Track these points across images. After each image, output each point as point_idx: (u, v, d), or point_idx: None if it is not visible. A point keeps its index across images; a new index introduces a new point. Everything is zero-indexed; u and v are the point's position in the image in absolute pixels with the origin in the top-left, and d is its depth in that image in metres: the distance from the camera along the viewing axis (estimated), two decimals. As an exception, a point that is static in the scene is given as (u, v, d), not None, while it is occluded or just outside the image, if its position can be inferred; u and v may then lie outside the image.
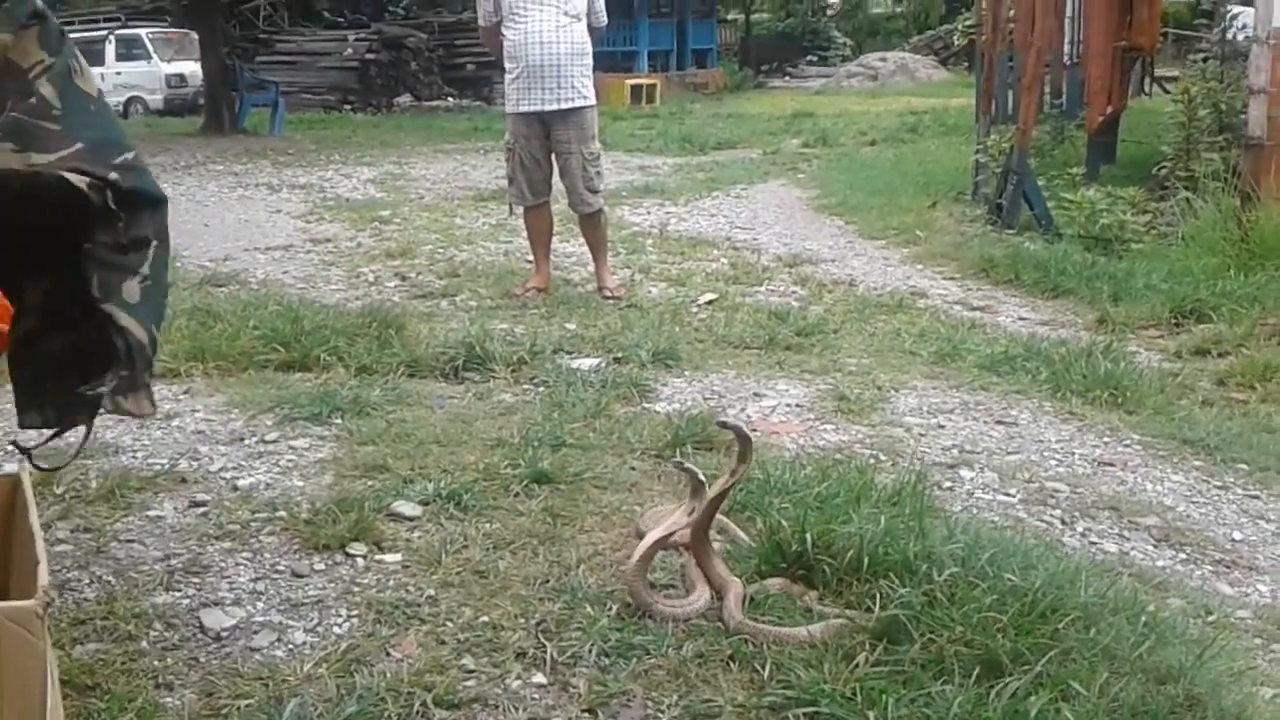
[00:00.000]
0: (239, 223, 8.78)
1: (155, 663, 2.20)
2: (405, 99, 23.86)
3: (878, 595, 2.34)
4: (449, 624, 2.36)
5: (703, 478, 2.51)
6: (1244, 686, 2.26)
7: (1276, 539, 3.18)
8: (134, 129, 19.33)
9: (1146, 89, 15.10)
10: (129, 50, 23.84)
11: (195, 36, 20.50)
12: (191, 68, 22.05)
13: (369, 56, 23.53)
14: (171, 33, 24.44)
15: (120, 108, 23.45)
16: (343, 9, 27.86)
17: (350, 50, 23.72)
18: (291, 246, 7.64)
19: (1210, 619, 2.62)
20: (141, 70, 23.73)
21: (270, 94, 18.48)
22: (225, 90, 18.00)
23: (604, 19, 5.95)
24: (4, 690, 1.55)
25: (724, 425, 2.69)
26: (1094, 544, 3.01)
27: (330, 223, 8.73)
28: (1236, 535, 3.18)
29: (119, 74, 23.68)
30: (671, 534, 2.52)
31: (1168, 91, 11.45)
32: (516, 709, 2.08)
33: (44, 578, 1.62)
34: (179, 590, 2.50)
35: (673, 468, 2.59)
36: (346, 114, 21.58)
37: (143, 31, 24.36)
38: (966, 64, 24.80)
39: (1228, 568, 2.98)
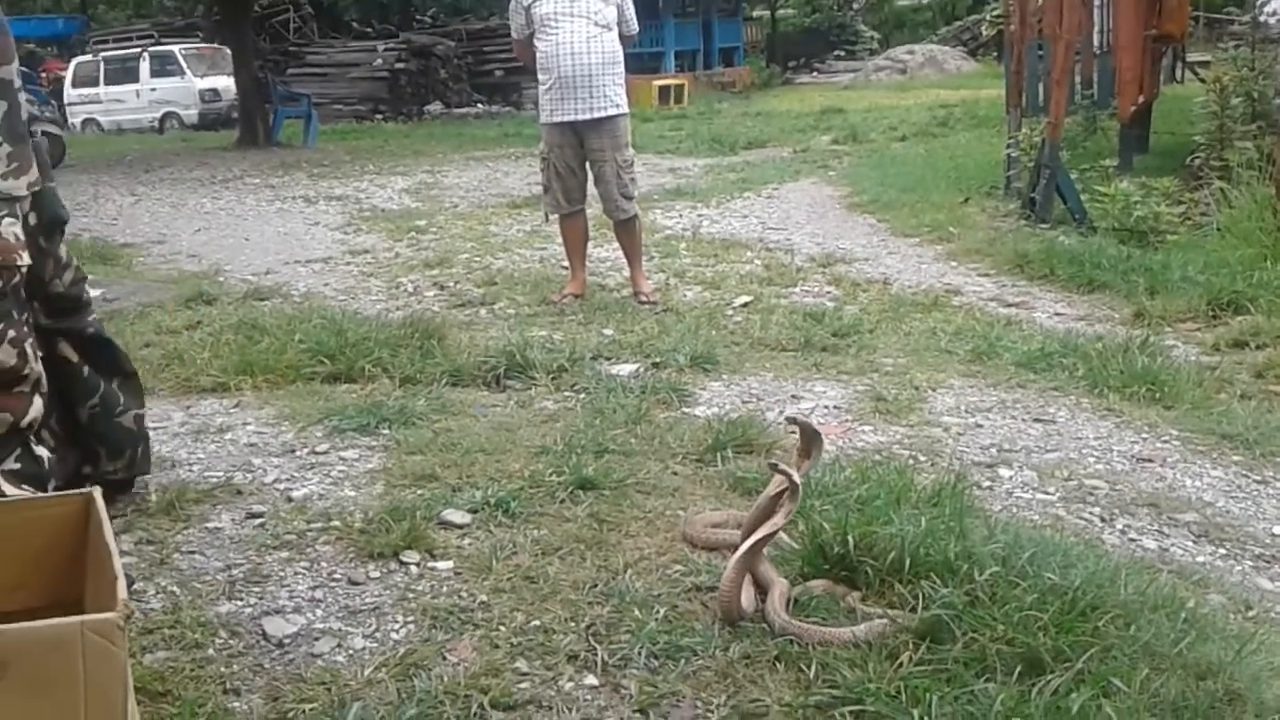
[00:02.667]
0: (278, 235, 8.93)
1: (222, 669, 2.29)
2: (435, 107, 24.04)
3: (920, 595, 2.38)
4: (502, 628, 2.43)
5: (798, 479, 2.53)
6: (1285, 680, 2.29)
7: (1317, 532, 3.19)
8: (170, 144, 19.64)
9: (1179, 76, 14.99)
10: (163, 66, 24.20)
11: (227, 51, 20.76)
12: (224, 82, 22.34)
13: (399, 66, 23.74)
14: (204, 48, 24.80)
15: (156, 123, 23.85)
16: (370, 20, 28.09)
17: (380, 60, 23.94)
18: (331, 259, 7.76)
19: (1250, 614, 2.65)
20: (176, 85, 24.09)
21: (303, 106, 18.70)
22: (259, 103, 18.22)
23: (635, 27, 6.01)
24: (89, 698, 1.63)
25: (792, 421, 2.71)
26: (1133, 541, 3.04)
27: (368, 234, 8.86)
28: (1277, 530, 3.19)
29: (154, 90, 24.08)
30: (771, 535, 2.53)
31: (1200, 78, 11.35)
32: (570, 710, 2.15)
33: (123, 591, 1.70)
34: (241, 599, 2.58)
35: (769, 468, 2.61)
36: (378, 124, 21.80)
37: (176, 48, 24.72)
38: (996, 55, 24.68)
39: (1268, 563, 3.00)
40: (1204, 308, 5.57)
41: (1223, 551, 3.03)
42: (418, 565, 2.74)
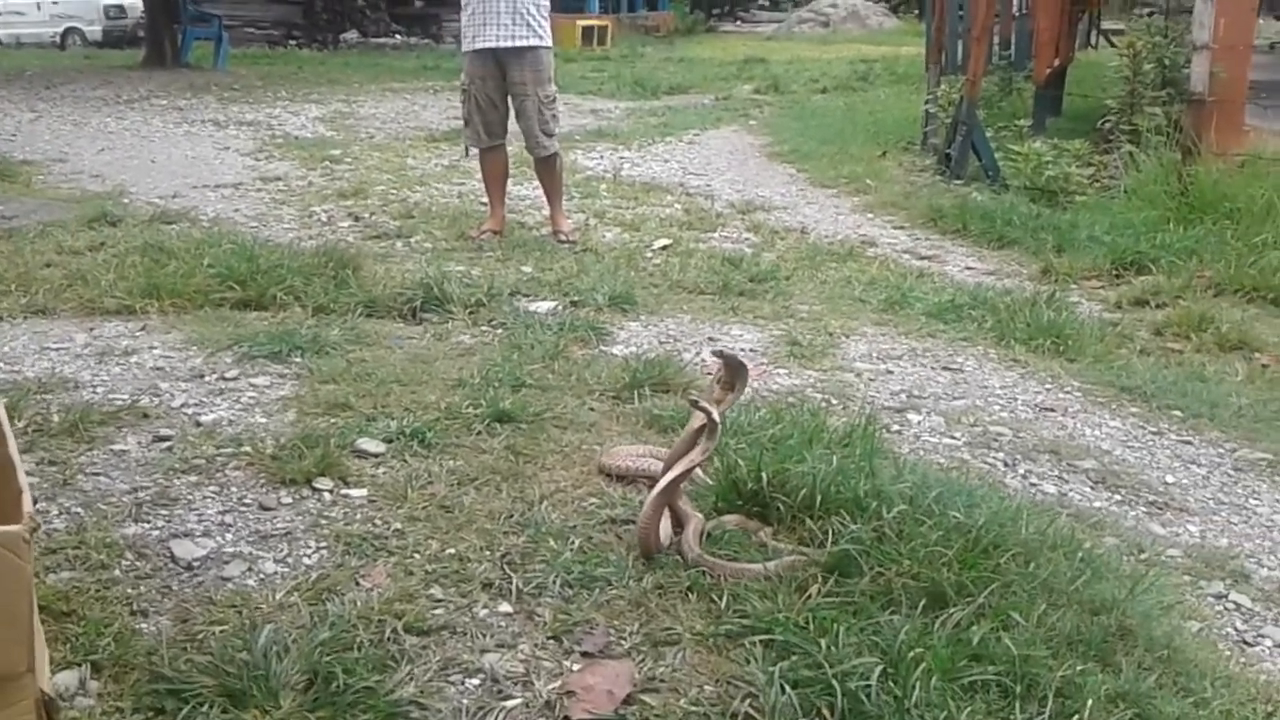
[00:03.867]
0: (186, 159, 8.66)
1: (129, 590, 2.24)
2: (352, 35, 23.45)
3: (829, 531, 2.43)
4: (416, 555, 2.42)
5: (717, 418, 2.52)
6: (1172, 619, 2.40)
7: (1207, 482, 3.33)
8: (72, 60, 18.86)
9: (1094, 42, 15.29)
10: (65, -22, 23.16)
11: (135, -35, 19.93)
12: (131, -2, 21.49)
13: (315, -9, 23.06)
14: (110, -39, 23.77)
15: (57, 39, 22.86)
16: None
17: (296, -16, 23.21)
18: (241, 185, 7.56)
19: (1142, 557, 2.76)
20: (79, 0, 23.09)
21: (213, 27, 18.06)
22: (167, 22, 17.56)
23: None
24: (-8, 613, 1.59)
25: (719, 355, 2.73)
26: (1034, 485, 3.14)
27: (280, 161, 8.64)
28: (1169, 478, 3.33)
29: (55, 3, 23.06)
30: (689, 471, 2.54)
31: (1114, 45, 11.57)
32: (484, 635, 2.15)
33: (29, 504, 1.65)
34: (148, 522, 2.53)
35: (689, 405, 2.60)
36: (292, 50, 21.18)
37: (80, -41, 23.65)
38: (917, 12, 24.86)
39: (1160, 509, 3.13)
40: (1108, 266, 5.74)
41: (1118, 498, 3.15)
42: (331, 492, 2.71)
